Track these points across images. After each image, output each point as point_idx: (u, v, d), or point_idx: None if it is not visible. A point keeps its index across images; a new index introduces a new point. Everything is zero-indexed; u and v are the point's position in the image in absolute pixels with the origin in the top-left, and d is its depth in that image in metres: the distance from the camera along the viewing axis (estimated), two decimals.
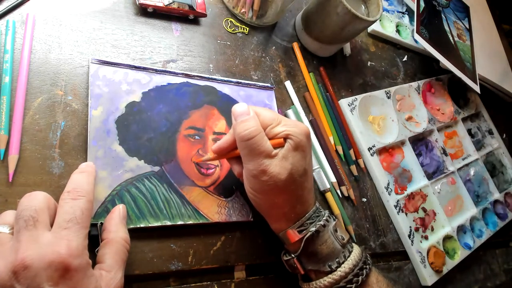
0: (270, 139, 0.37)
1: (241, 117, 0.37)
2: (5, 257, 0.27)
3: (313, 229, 0.38)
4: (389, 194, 0.57)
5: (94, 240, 0.33)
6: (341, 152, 0.56)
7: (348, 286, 0.37)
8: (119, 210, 0.35)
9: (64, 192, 0.31)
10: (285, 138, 0.37)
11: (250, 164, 0.36)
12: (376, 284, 0.39)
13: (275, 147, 0.37)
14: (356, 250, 0.40)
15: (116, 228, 0.33)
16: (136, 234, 0.37)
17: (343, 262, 0.38)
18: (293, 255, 0.39)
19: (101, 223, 0.34)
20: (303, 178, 0.38)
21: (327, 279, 0.38)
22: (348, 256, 0.39)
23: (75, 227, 0.29)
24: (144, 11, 0.48)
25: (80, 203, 0.30)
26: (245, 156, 0.37)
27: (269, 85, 0.52)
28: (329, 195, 0.51)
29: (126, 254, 0.33)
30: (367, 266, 0.39)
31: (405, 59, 0.73)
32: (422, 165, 0.63)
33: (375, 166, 0.57)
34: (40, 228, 0.28)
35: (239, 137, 0.36)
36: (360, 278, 0.38)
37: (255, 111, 0.38)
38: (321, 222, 0.38)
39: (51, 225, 0.29)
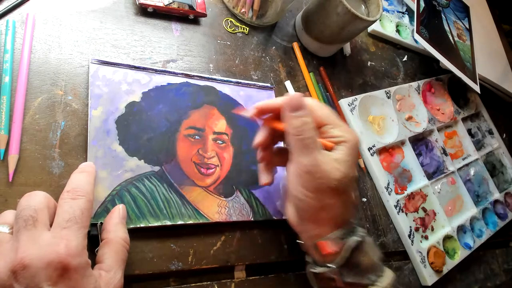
0: (324, 138, 0.37)
1: (297, 111, 0.36)
2: (4, 256, 0.27)
3: (356, 238, 0.36)
4: (389, 194, 0.57)
5: (95, 240, 0.33)
6: None
7: None
8: (118, 210, 0.35)
9: (63, 192, 0.31)
10: (340, 143, 0.37)
11: (305, 159, 0.35)
12: None
13: (324, 147, 0.37)
14: (387, 269, 0.39)
15: (115, 228, 0.33)
16: (136, 234, 0.37)
17: (381, 276, 0.37)
18: (333, 266, 0.36)
19: (101, 223, 0.34)
20: (353, 185, 0.37)
21: None
22: (384, 272, 0.37)
23: (74, 227, 0.29)
24: (144, 11, 0.48)
25: (80, 202, 0.30)
26: (299, 150, 0.35)
27: (269, 85, 0.52)
28: None
29: (125, 254, 0.33)
30: None
31: (405, 59, 0.73)
32: (422, 165, 0.63)
33: (375, 166, 0.57)
34: (39, 227, 0.28)
35: (296, 131, 0.35)
36: None
37: (312, 106, 0.38)
38: (362, 233, 0.37)
39: (51, 225, 0.29)
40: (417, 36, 0.66)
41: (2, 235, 0.29)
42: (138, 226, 0.37)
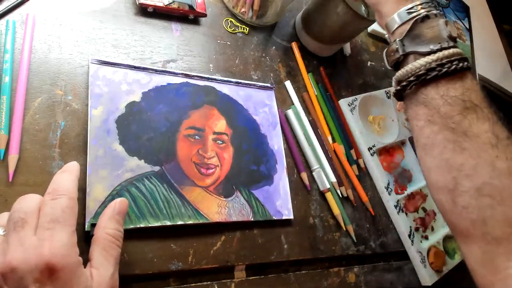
0: None
1: None
2: None
3: (423, 11, 0.38)
4: (389, 194, 0.57)
5: None
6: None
7: (438, 68, 0.36)
8: (114, 205, 0.34)
9: (45, 194, 0.30)
10: None
11: None
12: (471, 83, 0.37)
13: None
14: (457, 49, 0.38)
15: (104, 224, 0.32)
16: (136, 234, 0.37)
17: (445, 48, 0.36)
18: (396, 39, 0.39)
19: None
20: None
21: (423, 59, 0.36)
22: (452, 46, 0.37)
23: (57, 227, 0.28)
24: (144, 11, 0.48)
25: (60, 201, 0.29)
26: None
27: (269, 85, 0.52)
28: (329, 195, 0.50)
29: (116, 249, 0.32)
30: (467, 64, 0.37)
31: None
32: None
33: (375, 166, 0.57)
34: (28, 230, 0.28)
35: None
36: (456, 65, 0.36)
37: None
38: (434, 11, 0.38)
39: None
40: None
41: None
42: (138, 226, 0.37)
